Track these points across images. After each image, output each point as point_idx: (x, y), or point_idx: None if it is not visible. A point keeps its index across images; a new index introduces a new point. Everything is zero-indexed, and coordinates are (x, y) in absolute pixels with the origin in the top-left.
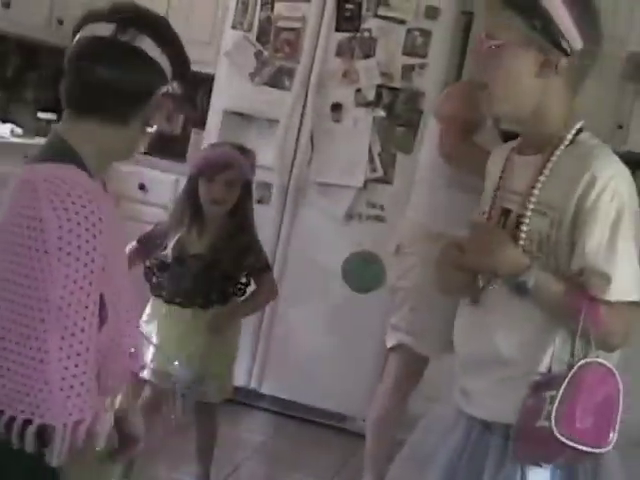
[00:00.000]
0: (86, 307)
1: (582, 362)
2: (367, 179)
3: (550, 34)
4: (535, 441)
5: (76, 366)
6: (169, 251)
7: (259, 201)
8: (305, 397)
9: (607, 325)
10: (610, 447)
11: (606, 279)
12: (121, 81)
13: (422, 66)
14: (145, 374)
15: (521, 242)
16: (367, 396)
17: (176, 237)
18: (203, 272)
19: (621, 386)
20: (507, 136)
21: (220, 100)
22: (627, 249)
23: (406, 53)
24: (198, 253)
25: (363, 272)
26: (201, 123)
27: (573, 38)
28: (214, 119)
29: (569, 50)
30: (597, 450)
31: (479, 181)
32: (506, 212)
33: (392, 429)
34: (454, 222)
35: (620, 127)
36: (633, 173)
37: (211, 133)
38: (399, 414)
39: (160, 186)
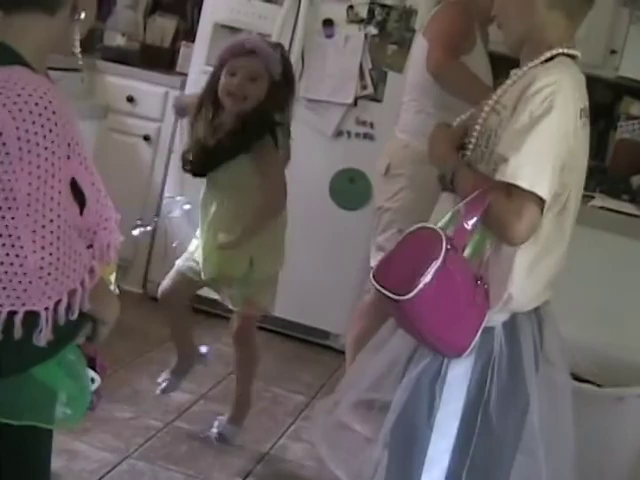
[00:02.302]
0: (52, 199)
1: (416, 226)
2: (357, 96)
3: None
4: None
5: (50, 254)
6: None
7: None
8: (290, 314)
9: (498, 205)
10: (410, 296)
11: (507, 161)
12: None
13: None
14: (178, 264)
15: (474, 134)
16: (351, 314)
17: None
18: (207, 160)
19: (442, 250)
20: (494, 58)
21: (211, 13)
22: (539, 144)
23: None
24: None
25: (350, 190)
26: (191, 36)
27: None
28: (204, 32)
29: None
30: (397, 297)
31: (466, 102)
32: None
33: None
34: None
35: (614, 52)
36: (622, 98)
37: (201, 46)
38: None
39: (149, 98)
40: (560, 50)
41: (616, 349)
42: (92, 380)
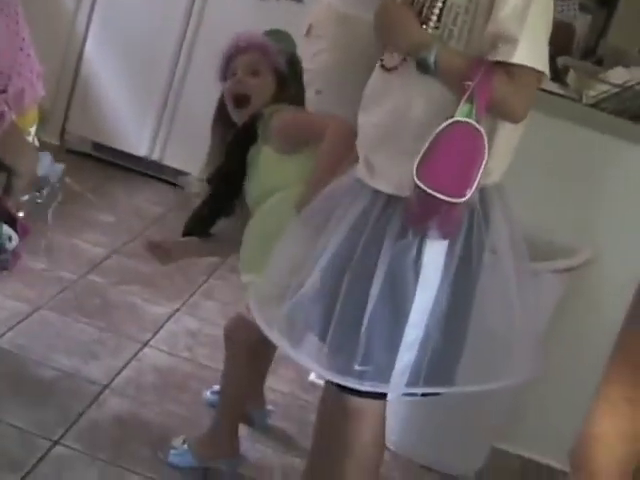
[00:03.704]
0: None
1: (450, 121)
2: None
3: None
4: (411, 200)
5: None
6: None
7: None
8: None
9: (502, 89)
10: (464, 200)
11: (513, 42)
12: None
13: None
14: None
15: (435, 11)
16: None
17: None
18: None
19: (486, 147)
20: None
21: None
22: (536, 22)
23: None
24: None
25: None
26: None
27: None
28: None
29: None
30: (451, 199)
31: None
32: None
33: None
34: (367, 5)
35: None
36: None
37: None
38: None
39: None
40: None
41: (535, 229)
42: (10, 238)
